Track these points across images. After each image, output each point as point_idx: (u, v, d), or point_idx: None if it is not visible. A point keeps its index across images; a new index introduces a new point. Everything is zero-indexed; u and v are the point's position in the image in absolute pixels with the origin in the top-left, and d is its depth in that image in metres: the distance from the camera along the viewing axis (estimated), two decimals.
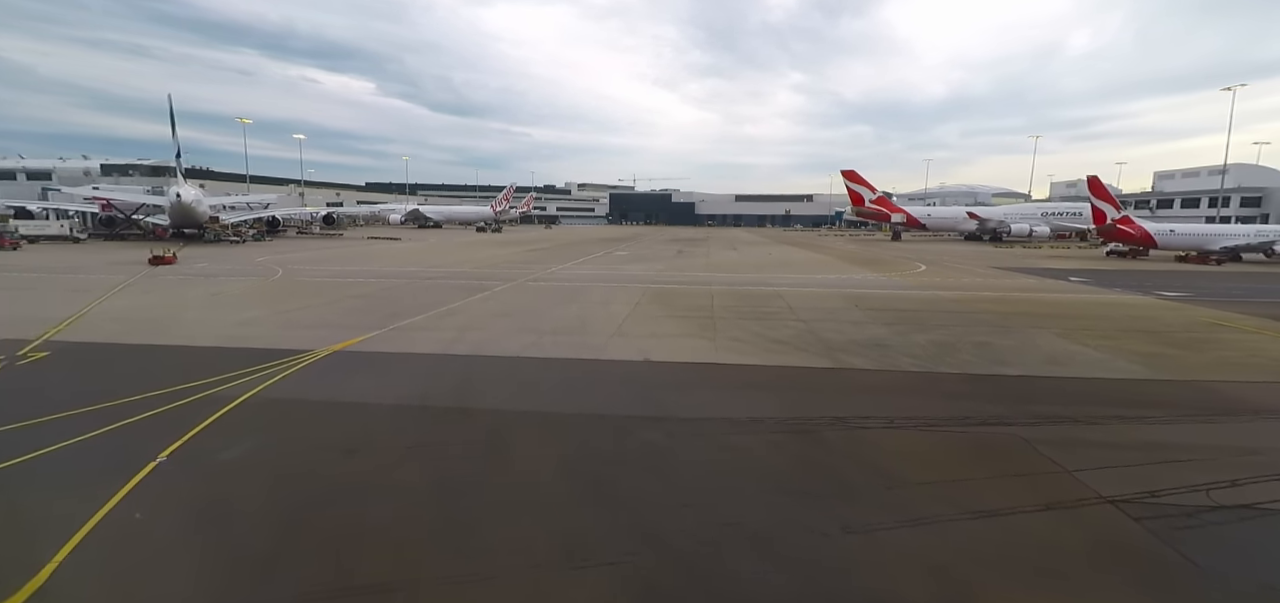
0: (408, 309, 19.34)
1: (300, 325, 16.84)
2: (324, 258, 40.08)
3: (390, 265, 35.34)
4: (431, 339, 15.17)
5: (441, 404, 10.42)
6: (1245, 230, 49.12)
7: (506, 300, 21.85)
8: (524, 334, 15.90)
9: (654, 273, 32.59)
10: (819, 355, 13.97)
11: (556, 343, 14.93)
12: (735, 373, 12.63)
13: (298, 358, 12.90)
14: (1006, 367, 13.19)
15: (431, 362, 13.16)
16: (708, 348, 14.68)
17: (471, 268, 34.04)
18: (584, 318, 18.41)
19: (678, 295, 23.64)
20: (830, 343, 15.27)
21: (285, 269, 31.58)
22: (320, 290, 23.85)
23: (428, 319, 17.83)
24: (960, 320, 18.77)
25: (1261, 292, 27.97)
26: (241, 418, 9.41)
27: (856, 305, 21.56)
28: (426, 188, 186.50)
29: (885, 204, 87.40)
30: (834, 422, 9.51)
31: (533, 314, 18.97)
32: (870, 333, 16.56)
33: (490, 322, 17.65)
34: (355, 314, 18.64)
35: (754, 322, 18.16)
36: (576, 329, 16.76)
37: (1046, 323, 18.46)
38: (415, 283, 26.55)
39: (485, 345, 14.56)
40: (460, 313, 19.02)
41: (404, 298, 21.97)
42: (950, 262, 43.83)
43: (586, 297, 23.05)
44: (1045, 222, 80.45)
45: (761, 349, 14.58)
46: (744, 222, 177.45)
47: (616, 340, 15.26)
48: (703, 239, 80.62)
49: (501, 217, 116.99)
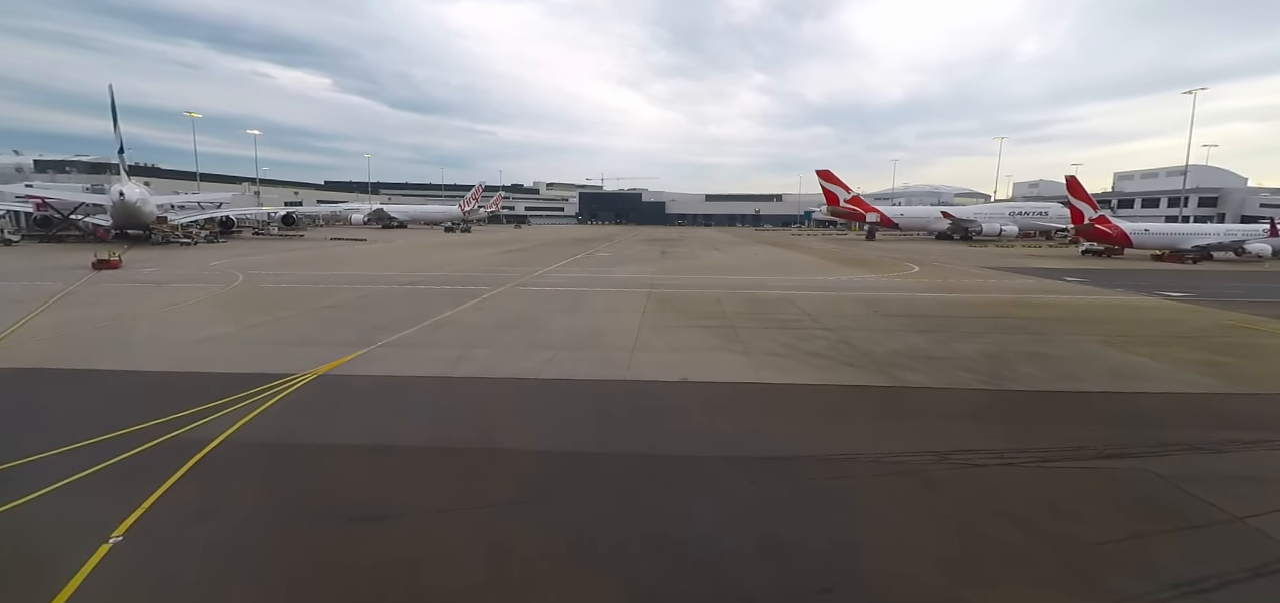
0: (394, 321, 17.30)
1: (272, 343, 14.69)
2: (287, 261, 37.18)
3: (362, 269, 32.83)
4: (430, 359, 13.27)
5: (462, 443, 8.64)
6: (1216, 230, 50.50)
7: (503, 309, 19.95)
8: (536, 350, 14.12)
9: (647, 276, 31.02)
10: (870, 371, 12.63)
11: (576, 360, 13.21)
12: (790, 395, 11.17)
13: (275, 385, 10.89)
14: (1076, 381, 12.09)
15: (437, 388, 11.30)
16: (745, 363, 13.20)
17: (452, 271, 31.86)
18: (596, 329, 16.72)
19: (684, 301, 22.12)
20: (873, 355, 13.97)
21: (246, 275, 28.84)
22: (289, 300, 21.48)
23: (419, 333, 15.87)
24: (990, 326, 17.78)
25: (1256, 291, 28.07)
26: (216, 473, 7.46)
27: (875, 310, 20.43)
28: (389, 187, 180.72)
29: (859, 204, 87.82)
30: (936, 457, 8.12)
31: (537, 325, 17.17)
32: (908, 342, 15.35)
33: (493, 335, 15.79)
34: (334, 328, 16.52)
35: (778, 330, 16.78)
36: (592, 342, 15.07)
37: (1079, 328, 17.61)
38: (394, 289, 24.35)
39: (495, 365, 12.75)
40: (455, 325, 17.08)
41: (386, 307, 19.86)
42: (938, 262, 43.54)
43: (588, 303, 21.33)
44: (1013, 221, 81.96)
45: (803, 364, 13.16)
46: (714, 221, 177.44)
47: (641, 356, 13.63)
48: (679, 239, 79.46)
49: (470, 217, 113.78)
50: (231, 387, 10.63)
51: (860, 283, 29.15)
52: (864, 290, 25.98)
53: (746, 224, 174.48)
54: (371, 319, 17.65)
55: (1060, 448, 8.51)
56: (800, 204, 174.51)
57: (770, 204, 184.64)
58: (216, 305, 20.22)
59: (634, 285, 26.73)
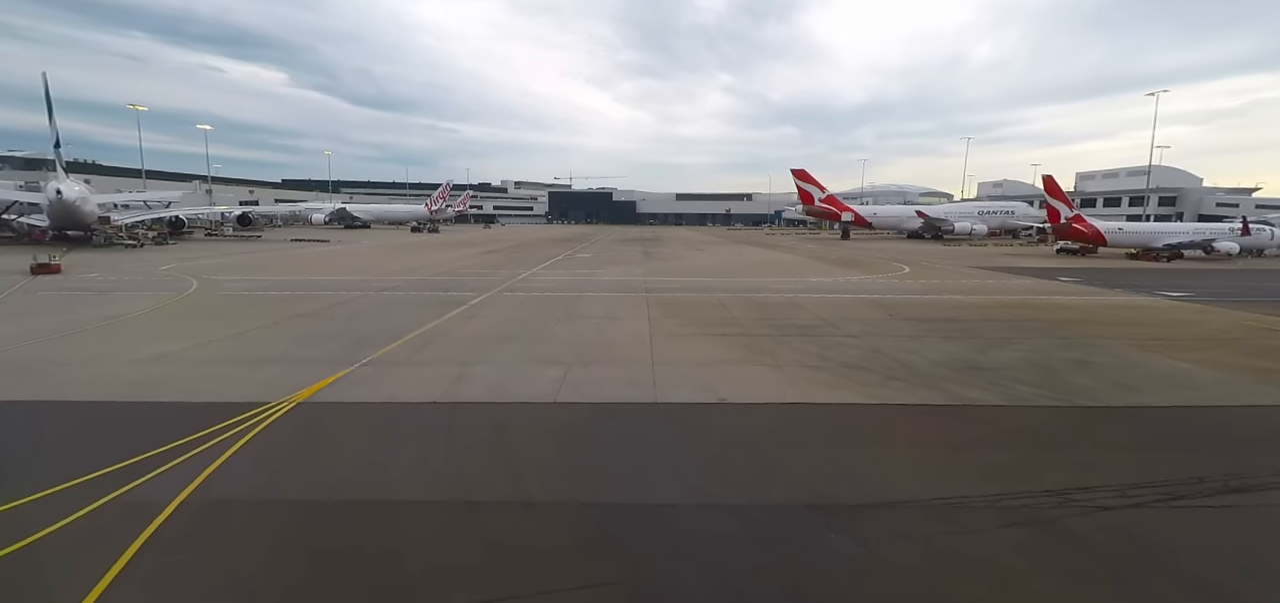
0: (376, 333, 15.48)
1: (237, 363, 12.75)
2: (246, 265, 34.47)
3: (330, 273, 30.51)
4: (426, 380, 11.59)
5: (489, 495, 7.08)
6: (1184, 228, 51.79)
7: (495, 317, 18.26)
8: (544, 367, 12.56)
9: (637, 278, 29.58)
10: (920, 387, 11.48)
11: (593, 379, 11.72)
12: (848, 419, 9.91)
13: (244, 419, 9.11)
14: (1137, 393, 11.17)
15: (441, 417, 9.67)
16: (780, 379, 11.91)
17: (428, 274, 29.84)
18: (604, 340, 15.22)
19: (687, 306, 20.77)
20: (914, 367, 12.86)
21: (200, 280, 26.33)
22: (252, 309, 19.34)
23: (407, 348, 14.11)
24: (1015, 330, 16.93)
25: (1247, 290, 28.24)
26: (173, 556, 5.76)
27: (890, 314, 19.46)
28: (350, 185, 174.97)
29: (834, 203, 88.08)
30: (1055, 499, 6.94)
31: (538, 336, 15.57)
32: (943, 351, 14.32)
33: (491, 349, 14.14)
34: (307, 342, 14.63)
35: (799, 338, 15.58)
36: (604, 356, 13.57)
37: (1103, 331, 16.92)
38: (369, 295, 22.35)
39: (504, 386, 11.16)
40: (446, 337, 15.36)
41: (364, 316, 17.96)
42: (923, 261, 43.26)
43: (586, 309, 19.79)
44: (982, 220, 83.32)
45: (844, 379, 11.95)
46: (686, 220, 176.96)
47: (665, 373, 12.21)
48: (654, 239, 78.25)
49: (437, 216, 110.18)
50: (190, 422, 8.81)
51: (858, 284, 28.31)
52: (866, 292, 25.08)
53: (717, 223, 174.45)
54: (350, 331, 15.79)
55: (1180, 481, 7.44)
56: (771, 203, 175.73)
57: (741, 203, 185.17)
58: (168, 317, 17.99)
59: (628, 289, 25.27)
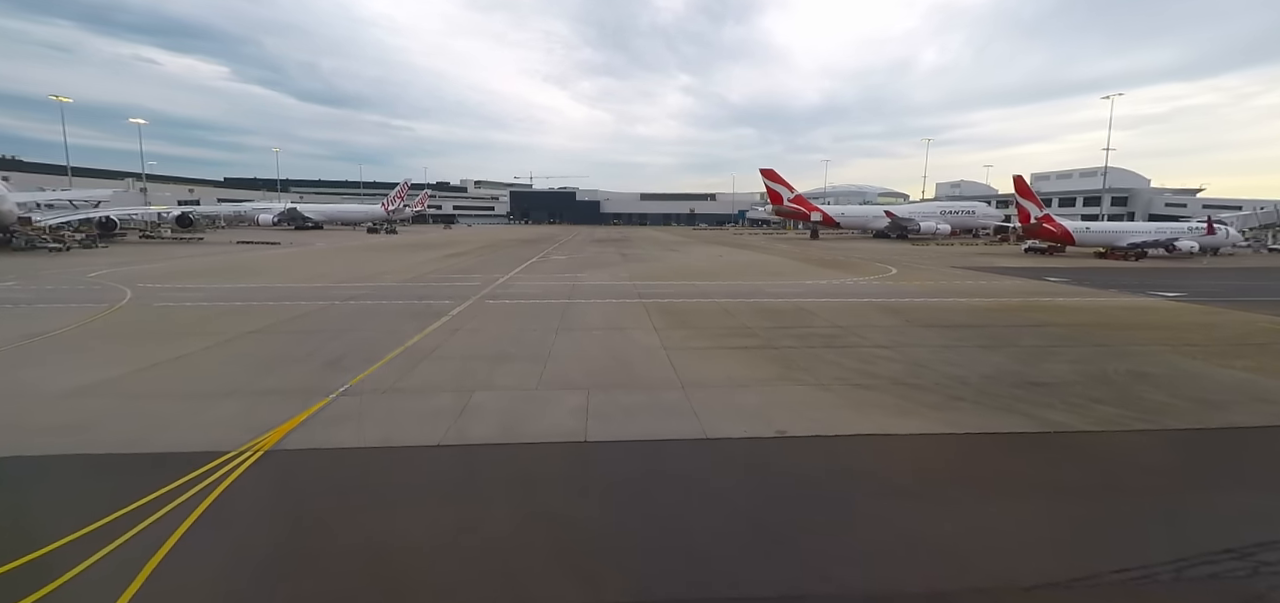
0: (351, 353, 13.37)
1: (183, 398, 10.51)
2: (187, 271, 31.18)
3: (285, 279, 27.71)
4: (423, 412, 9.67)
5: (546, 593, 5.33)
6: (1147, 228, 53.27)
7: (484, 330, 16.30)
8: (560, 393, 10.78)
9: (624, 282, 27.89)
10: (995, 409, 10.21)
11: (621, 408, 10.01)
12: (947, 455, 8.49)
13: (196, 477, 7.07)
14: (1226, 412, 10.16)
15: (455, 467, 7.82)
16: (833, 402, 10.47)
17: (394, 279, 27.42)
18: (615, 356, 13.49)
19: (690, 313, 19.22)
20: (969, 383, 11.64)
21: (135, 289, 23.31)
22: (197, 324, 16.82)
23: (392, 371, 12.09)
24: (1046, 337, 16.03)
25: (1236, 289, 28.53)
26: None
27: (907, 320, 18.36)
28: (300, 184, 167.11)
29: (802, 203, 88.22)
30: (1235, 558, 5.64)
31: (539, 353, 13.72)
32: (990, 363, 13.17)
33: (490, 370, 12.24)
34: (270, 367, 12.42)
35: (828, 350, 14.23)
36: (622, 375, 11.87)
37: (1134, 336, 16.18)
38: (334, 306, 19.99)
39: (520, 421, 9.34)
40: (434, 357, 13.36)
41: (333, 332, 15.73)
42: (904, 261, 42.92)
43: (582, 319, 18.01)
44: (944, 220, 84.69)
45: (904, 400, 10.60)
46: (650, 220, 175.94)
47: (699, 396, 10.60)
48: (625, 239, 76.53)
49: (395, 216, 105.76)
50: (119, 485, 6.74)
51: (855, 287, 27.33)
52: (867, 296, 24.06)
53: (681, 222, 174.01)
54: (318, 351, 13.61)
55: None
56: (734, 203, 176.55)
57: (705, 203, 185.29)
58: (96, 336, 15.36)
59: (619, 294, 23.56)
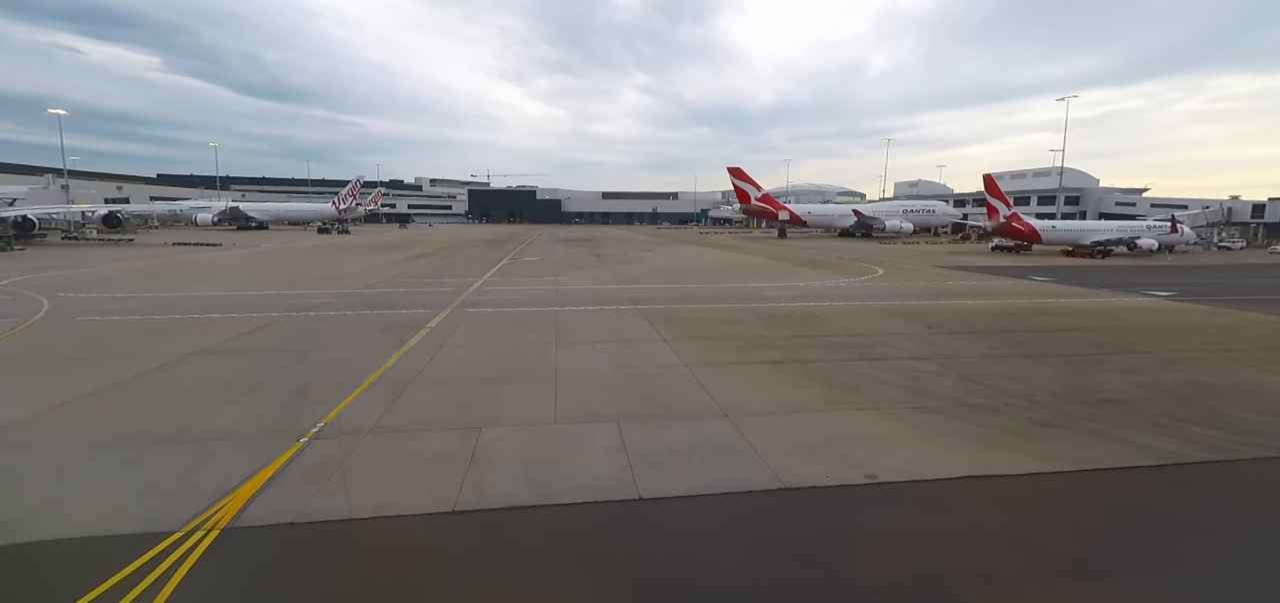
0: (320, 379, 11.25)
1: (112, 447, 8.26)
2: (116, 277, 27.74)
3: (230, 286, 24.77)
4: (424, 461, 7.77)
5: None
6: (1110, 226, 54.74)
7: (472, 346, 14.31)
8: (586, 428, 9.01)
9: (609, 285, 26.15)
10: (1084, 435, 9.00)
11: (665, 446, 8.32)
12: (1066, 501, 7.15)
13: (128, 573, 5.05)
14: None
15: (476, 541, 6.01)
16: (904, 433, 9.06)
17: (357, 286, 24.90)
18: (630, 375, 11.78)
19: (694, 321, 17.66)
20: (1038, 401, 10.46)
21: (54, 300, 20.19)
22: (131, 344, 14.26)
23: (374, 402, 10.07)
24: (1081, 344, 15.19)
25: (1219, 289, 28.87)
26: None
27: (926, 326, 17.28)
28: (242, 181, 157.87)
29: (770, 202, 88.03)
30: None
31: (542, 372, 11.89)
32: (1044, 376, 12.09)
33: (492, 398, 10.36)
34: (222, 400, 10.20)
35: (864, 364, 12.91)
36: (649, 401, 10.18)
37: (1170, 342, 15.53)
38: (291, 318, 17.58)
39: (548, 469, 7.56)
40: (422, 382, 11.37)
41: (295, 352, 13.47)
42: (883, 261, 42.53)
43: (578, 330, 16.22)
44: (906, 218, 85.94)
45: (980, 426, 9.29)
46: (612, 219, 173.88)
47: (749, 427, 9.03)
48: (592, 239, 74.46)
49: (347, 215, 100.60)
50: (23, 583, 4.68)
51: (852, 289, 26.35)
52: (870, 299, 23.04)
53: (644, 221, 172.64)
54: (281, 377, 11.43)
55: None
56: (696, 202, 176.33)
57: (667, 202, 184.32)
58: (3, 365, 12.70)
59: (609, 300, 21.82)
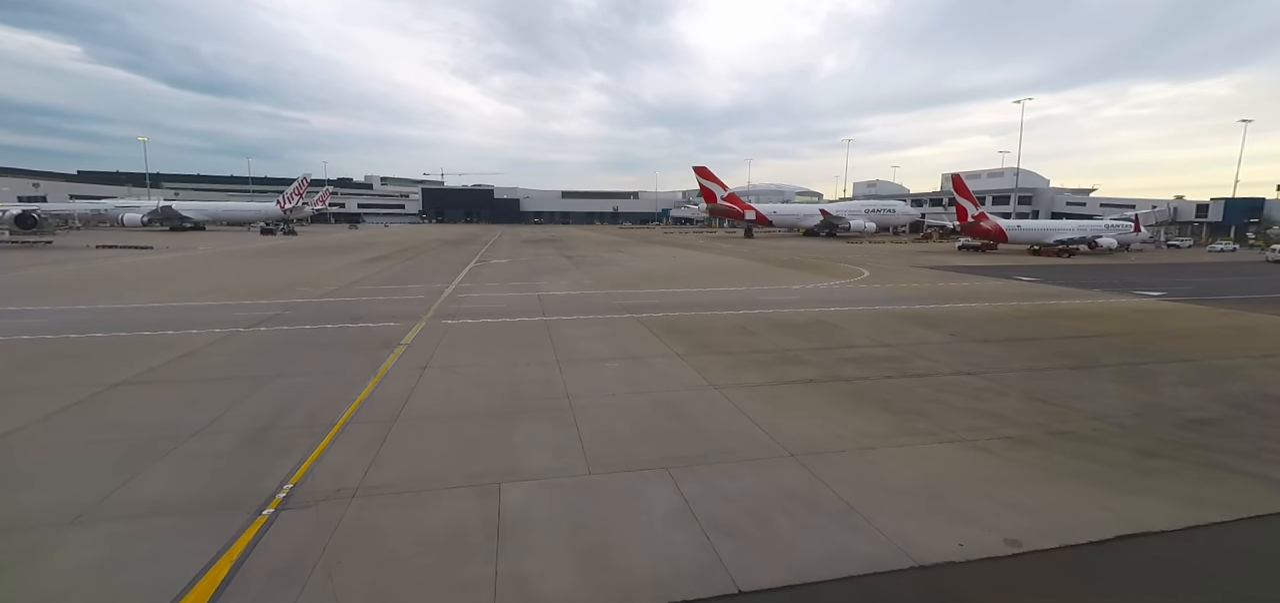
0: (282, 417, 9.12)
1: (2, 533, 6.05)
2: (29, 286, 24.16)
3: (164, 296, 21.72)
4: (433, 540, 5.90)
5: None
6: (1071, 225, 56.21)
7: (459, 367, 12.31)
8: (632, 480, 7.27)
9: (592, 290, 24.34)
10: (1206, 469, 7.84)
11: (744, 510, 6.68)
12: (1258, 564, 5.86)
13: None
14: None
15: None
16: (1012, 474, 7.70)
17: (314, 295, 22.31)
18: (664, 404, 10.09)
19: (705, 332, 16.08)
20: (1125, 426, 9.33)
21: None
22: (40, 371, 11.66)
23: (354, 449, 8.06)
24: (1117, 353, 14.37)
25: (1200, 287, 29.18)
26: None
27: (950, 334, 16.20)
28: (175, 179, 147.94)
29: (736, 202, 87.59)
30: None
31: (558, 404, 10.06)
32: (1113, 394, 11.03)
33: (502, 439, 8.49)
34: (153, 450, 7.97)
35: (911, 382, 11.61)
36: (701, 443, 8.51)
37: (1206, 348, 14.87)
38: (240, 335, 15.14)
39: (602, 550, 5.80)
40: (409, 418, 9.37)
41: (247, 379, 11.19)
42: (863, 261, 42.07)
43: (580, 344, 14.41)
44: (868, 218, 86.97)
45: (1089, 461, 8.03)
46: (573, 219, 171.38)
47: (828, 472, 7.50)
48: (556, 240, 72.14)
49: (293, 215, 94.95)
50: None
51: (847, 293, 25.32)
52: (873, 303, 21.99)
53: (605, 221, 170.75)
54: (230, 415, 9.23)
55: None
56: (657, 202, 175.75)
57: (628, 201, 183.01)
58: None
59: (600, 308, 20.03)
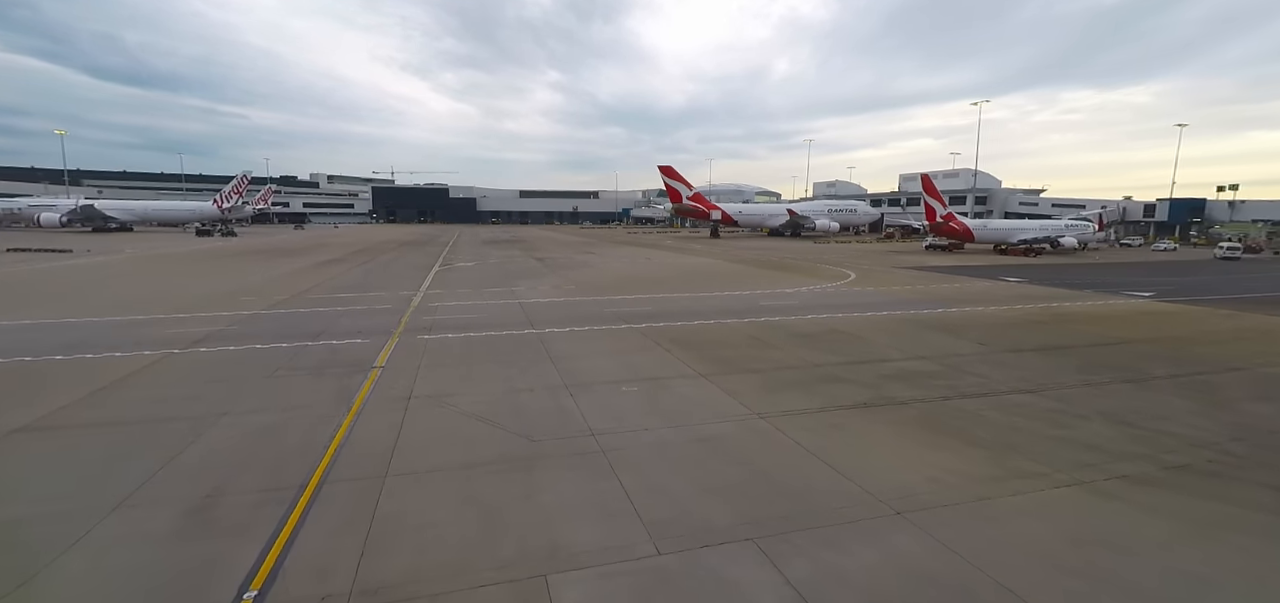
0: (230, 482, 7.07)
1: None
2: None
3: (84, 309, 18.68)
4: None
5: None
6: (1033, 225, 57.40)
7: (458, 398, 10.36)
8: (714, 559, 5.64)
9: (577, 297, 22.50)
10: None
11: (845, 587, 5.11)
12: None
13: None
14: None
15: None
16: (1175, 539, 6.45)
17: (261, 305, 19.68)
18: (709, 441, 8.47)
19: (720, 347, 14.54)
20: (1231, 453, 8.30)
21: None
22: None
23: (332, 530, 6.15)
24: (1163, 364, 13.66)
25: (1183, 287, 29.46)
26: None
27: (979, 342, 15.18)
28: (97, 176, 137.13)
29: (701, 201, 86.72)
30: None
31: (584, 443, 8.30)
32: (1187, 408, 10.06)
33: (521, 495, 6.70)
34: (48, 542, 5.82)
35: (981, 405, 10.39)
36: (784, 501, 6.95)
37: (1246, 354, 14.27)
38: (173, 356, 12.70)
39: None
40: (403, 474, 7.45)
41: (186, 421, 8.97)
42: (842, 261, 41.47)
43: (583, 366, 12.64)
44: (831, 218, 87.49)
45: (1226, 503, 6.90)
46: (531, 219, 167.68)
47: (952, 535, 6.06)
48: (519, 241, 69.48)
49: (232, 215, 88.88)
50: None
51: (847, 297, 24.29)
52: (882, 309, 20.96)
53: (565, 220, 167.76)
54: (165, 475, 7.11)
55: None
56: (618, 201, 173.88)
57: (588, 201, 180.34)
58: None
59: (593, 318, 18.24)
